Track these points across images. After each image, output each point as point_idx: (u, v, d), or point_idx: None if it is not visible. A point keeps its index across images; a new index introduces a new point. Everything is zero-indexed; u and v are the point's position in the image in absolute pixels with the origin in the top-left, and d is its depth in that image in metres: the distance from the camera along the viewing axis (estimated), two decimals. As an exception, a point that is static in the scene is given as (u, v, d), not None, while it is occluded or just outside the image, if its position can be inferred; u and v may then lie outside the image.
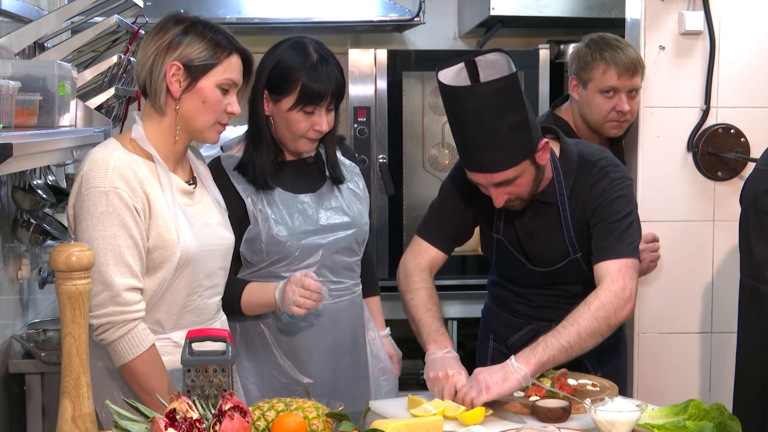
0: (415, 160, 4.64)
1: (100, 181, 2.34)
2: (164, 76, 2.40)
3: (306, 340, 2.78)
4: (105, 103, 3.42)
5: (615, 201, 2.70)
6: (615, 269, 2.63)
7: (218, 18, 4.42)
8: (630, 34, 3.50)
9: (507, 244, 2.83)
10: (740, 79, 3.43)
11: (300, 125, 2.69)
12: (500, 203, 2.66)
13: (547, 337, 2.54)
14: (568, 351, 2.53)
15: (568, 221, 2.74)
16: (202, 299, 2.50)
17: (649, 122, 3.43)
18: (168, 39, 2.41)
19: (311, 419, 2.09)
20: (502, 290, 2.99)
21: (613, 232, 2.68)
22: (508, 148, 2.58)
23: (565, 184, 2.74)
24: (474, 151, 2.60)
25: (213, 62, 2.42)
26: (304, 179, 2.81)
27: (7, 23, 3.17)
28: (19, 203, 3.41)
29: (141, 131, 2.45)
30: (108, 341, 2.33)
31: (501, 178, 2.60)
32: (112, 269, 2.32)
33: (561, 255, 2.78)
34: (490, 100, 2.54)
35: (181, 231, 2.40)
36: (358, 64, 4.51)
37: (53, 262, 1.97)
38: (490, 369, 2.52)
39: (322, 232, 2.77)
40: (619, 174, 2.75)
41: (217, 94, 2.43)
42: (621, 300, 2.59)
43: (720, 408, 2.30)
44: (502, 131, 2.56)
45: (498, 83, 2.54)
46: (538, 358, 2.50)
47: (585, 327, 2.54)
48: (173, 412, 1.94)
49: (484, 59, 2.60)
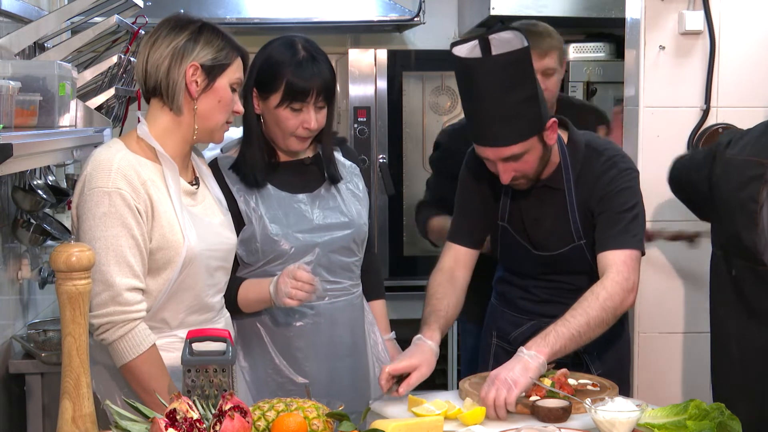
0: (415, 160, 4.65)
1: (103, 182, 2.34)
2: (183, 76, 2.42)
3: (302, 340, 2.78)
4: (105, 103, 3.43)
5: (622, 192, 2.74)
6: (620, 260, 2.67)
7: (218, 18, 4.42)
8: (630, 34, 3.50)
9: (511, 231, 2.86)
10: (740, 79, 3.42)
11: (288, 123, 2.69)
12: (507, 180, 2.69)
13: (557, 326, 2.56)
14: (578, 340, 2.57)
15: (574, 207, 2.77)
16: (207, 298, 2.51)
17: (649, 122, 3.43)
18: (183, 40, 2.43)
19: (311, 419, 2.09)
20: (507, 286, 3.00)
21: (618, 222, 2.71)
22: (517, 122, 2.61)
23: (572, 170, 2.77)
24: (484, 125, 2.64)
25: (227, 62, 2.46)
26: (301, 179, 2.81)
27: (7, 23, 3.17)
28: (19, 203, 3.41)
29: (146, 130, 2.46)
30: (109, 341, 2.34)
31: (509, 152, 2.64)
32: (114, 269, 2.32)
33: (565, 240, 2.81)
34: (501, 72, 2.58)
35: (186, 232, 2.41)
36: (358, 64, 4.51)
37: (53, 263, 1.97)
38: (505, 366, 2.52)
39: (318, 231, 2.76)
40: (626, 165, 2.79)
41: (230, 93, 2.47)
42: (626, 291, 2.64)
43: (720, 408, 2.30)
44: (511, 104, 2.60)
45: (510, 56, 2.58)
46: (551, 347, 2.53)
47: (594, 317, 2.58)
48: (173, 412, 1.94)
49: (498, 37, 2.62)
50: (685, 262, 3.46)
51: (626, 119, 3.54)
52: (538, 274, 2.90)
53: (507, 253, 2.95)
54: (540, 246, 2.84)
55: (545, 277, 2.90)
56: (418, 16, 4.65)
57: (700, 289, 3.48)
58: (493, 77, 2.59)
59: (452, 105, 4.68)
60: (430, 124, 4.67)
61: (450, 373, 4.57)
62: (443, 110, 4.68)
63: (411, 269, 4.59)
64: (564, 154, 2.78)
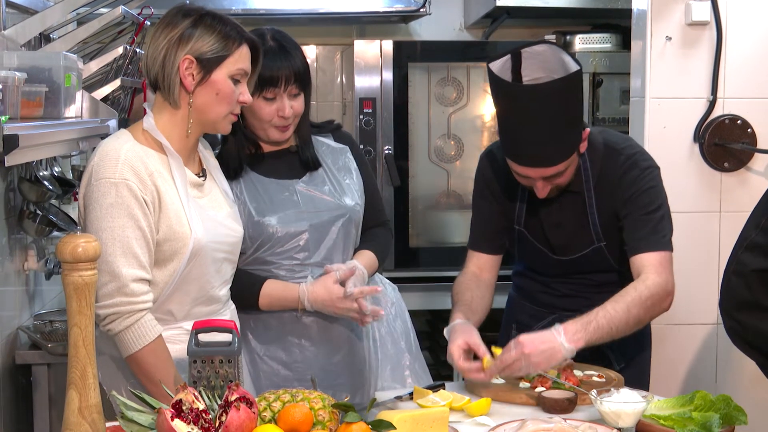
0: (421, 151, 4.64)
1: (110, 173, 2.34)
2: (177, 70, 2.40)
3: (295, 336, 2.77)
4: (111, 94, 3.43)
5: (647, 192, 2.72)
6: (657, 262, 2.66)
7: (224, 9, 4.41)
8: (636, 25, 3.49)
9: (528, 236, 2.84)
10: (747, 70, 3.42)
11: (263, 112, 2.70)
12: (545, 194, 2.69)
13: (598, 317, 2.54)
14: (613, 335, 2.56)
15: (594, 209, 2.76)
16: (213, 290, 2.51)
17: (655, 113, 3.42)
18: (178, 33, 2.40)
19: (317, 410, 2.09)
20: (526, 280, 3.00)
21: (647, 224, 2.70)
22: (563, 143, 2.60)
23: (591, 172, 2.75)
24: (528, 147, 2.62)
25: (225, 54, 2.42)
26: (286, 166, 2.81)
27: (13, 14, 3.17)
28: (25, 194, 3.42)
29: (152, 123, 2.45)
30: (115, 332, 2.34)
31: (553, 171, 2.63)
32: (120, 260, 2.32)
33: (585, 243, 2.80)
34: (553, 98, 2.55)
35: (193, 224, 2.41)
36: (364, 56, 4.50)
37: (59, 253, 1.97)
38: (535, 341, 2.49)
39: (306, 214, 2.75)
40: (647, 163, 2.77)
41: (229, 85, 2.44)
42: (667, 293, 2.64)
43: (726, 399, 2.30)
44: (559, 127, 2.58)
45: (562, 82, 2.55)
46: (588, 338, 2.52)
47: (634, 315, 2.58)
48: (179, 402, 1.95)
49: (529, 51, 2.61)
50: (691, 253, 3.46)
51: (632, 110, 3.53)
52: (558, 274, 2.90)
53: (524, 254, 2.95)
54: (559, 250, 2.83)
55: (567, 276, 2.89)
56: (423, 7, 4.64)
57: (705, 280, 3.48)
58: (546, 104, 2.56)
59: (458, 96, 4.67)
60: (436, 115, 4.66)
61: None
62: (449, 101, 4.67)
63: (416, 260, 4.58)
64: (583, 157, 2.75)
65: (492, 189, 2.87)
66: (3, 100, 2.23)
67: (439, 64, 4.64)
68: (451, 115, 4.67)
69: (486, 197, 2.90)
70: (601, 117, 4.59)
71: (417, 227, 4.66)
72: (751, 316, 2.31)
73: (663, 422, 2.29)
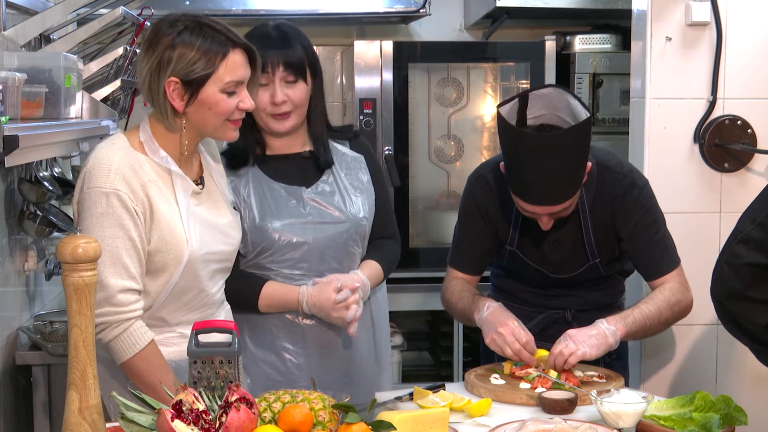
0: (421, 152, 4.64)
1: (101, 182, 2.33)
2: (164, 94, 2.36)
3: (288, 342, 2.77)
4: (111, 94, 3.43)
5: (649, 212, 2.82)
6: (678, 277, 2.81)
7: (223, 10, 4.41)
8: (636, 25, 3.49)
9: (522, 256, 2.86)
10: (747, 70, 3.41)
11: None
12: (549, 226, 2.74)
13: (635, 312, 2.69)
14: (646, 331, 2.74)
15: (589, 230, 2.80)
16: (207, 297, 2.51)
17: (655, 113, 3.42)
18: (157, 58, 2.34)
19: (317, 411, 2.09)
20: (506, 280, 3.01)
21: (657, 245, 2.81)
22: (572, 182, 2.66)
23: (586, 192, 2.77)
24: (538, 187, 2.65)
25: (209, 71, 2.35)
26: (299, 172, 2.79)
27: (13, 15, 3.17)
28: (25, 195, 3.42)
29: (149, 133, 2.43)
30: (105, 341, 2.34)
31: (561, 207, 2.68)
32: (109, 270, 2.32)
33: (581, 261, 2.85)
34: (566, 146, 2.60)
35: (190, 237, 2.40)
36: (364, 56, 4.50)
37: (60, 254, 1.97)
38: (583, 330, 2.64)
39: (311, 224, 2.73)
40: (642, 180, 2.85)
41: (222, 99, 2.38)
42: (689, 303, 2.82)
43: (726, 399, 2.30)
44: (569, 170, 2.63)
45: (575, 132, 2.60)
46: (627, 329, 2.67)
47: (665, 317, 2.75)
48: (180, 403, 1.95)
49: (537, 93, 2.67)
50: (691, 254, 3.45)
51: (632, 111, 3.53)
52: (550, 286, 2.93)
53: (514, 269, 2.97)
54: (554, 269, 2.87)
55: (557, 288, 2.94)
56: (423, 8, 4.64)
57: (705, 280, 3.47)
58: (562, 151, 2.60)
59: (458, 96, 4.67)
60: (436, 116, 4.66)
61: (455, 365, 4.57)
62: (449, 102, 4.67)
63: (416, 261, 4.58)
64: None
65: (484, 212, 2.89)
66: (3, 100, 2.22)
67: (439, 64, 4.65)
68: (451, 116, 4.67)
69: (477, 220, 2.91)
70: (601, 118, 4.60)
71: (417, 227, 4.66)
72: (739, 305, 2.42)
73: (663, 423, 2.29)
